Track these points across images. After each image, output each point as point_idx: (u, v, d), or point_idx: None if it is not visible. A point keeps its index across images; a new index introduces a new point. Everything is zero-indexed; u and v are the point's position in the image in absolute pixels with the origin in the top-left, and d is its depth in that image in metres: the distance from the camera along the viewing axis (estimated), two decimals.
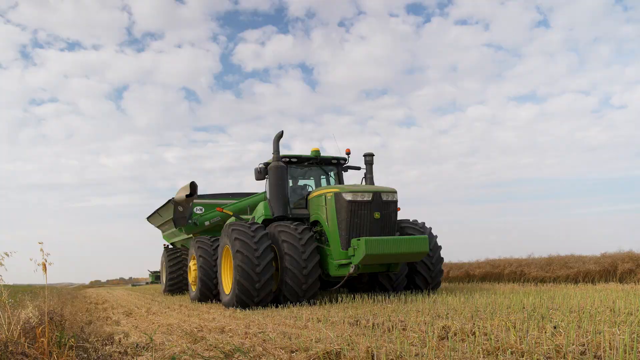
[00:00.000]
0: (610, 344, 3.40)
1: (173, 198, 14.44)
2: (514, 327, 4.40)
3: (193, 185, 13.77)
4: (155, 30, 68.05)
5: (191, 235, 14.83)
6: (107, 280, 68.51)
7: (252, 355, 3.84)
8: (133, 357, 4.41)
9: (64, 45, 68.29)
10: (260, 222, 10.00)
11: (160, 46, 69.38)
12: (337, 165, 11.30)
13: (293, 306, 8.36)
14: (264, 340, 4.58)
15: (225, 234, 9.56)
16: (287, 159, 10.58)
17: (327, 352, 3.65)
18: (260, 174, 10.47)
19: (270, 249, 8.84)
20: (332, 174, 11.29)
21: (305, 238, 8.90)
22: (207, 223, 14.62)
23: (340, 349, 3.70)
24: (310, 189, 11.16)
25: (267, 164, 10.46)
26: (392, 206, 9.22)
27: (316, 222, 9.88)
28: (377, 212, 8.97)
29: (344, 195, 8.93)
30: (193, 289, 12.40)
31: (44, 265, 4.54)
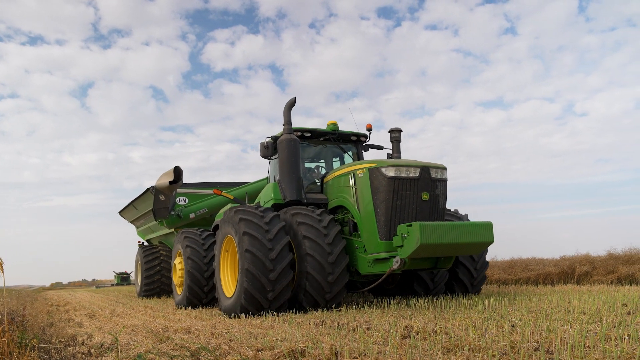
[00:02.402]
0: (561, 340, 3.58)
1: (153, 186, 12.37)
2: (474, 326, 4.56)
3: (177, 171, 11.52)
4: (122, 26, 67.00)
5: (172, 230, 13.18)
6: (69, 282, 66.87)
7: (218, 354, 3.88)
8: (97, 358, 4.38)
9: (25, 39, 66.46)
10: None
11: (127, 43, 68.34)
12: (357, 142, 9.67)
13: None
14: (230, 340, 4.62)
15: (226, 220, 7.82)
16: (300, 133, 8.91)
17: (292, 350, 3.71)
18: (267, 149, 8.70)
19: (285, 232, 7.28)
20: (350, 153, 9.67)
21: (326, 220, 7.43)
22: (192, 215, 12.85)
23: (305, 347, 3.77)
24: (323, 171, 9.54)
25: (275, 138, 8.88)
26: (442, 186, 7.57)
27: (336, 210, 8.33)
28: (425, 192, 7.30)
29: (383, 170, 7.25)
30: (178, 291, 10.60)
31: (0, 265, 4.45)
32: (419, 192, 7.29)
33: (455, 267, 8.51)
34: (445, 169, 7.66)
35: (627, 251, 12.75)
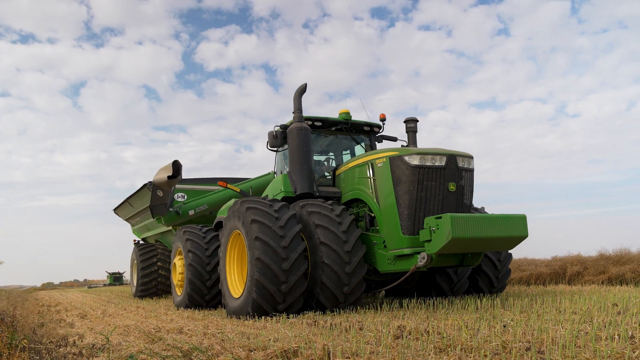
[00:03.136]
0: (553, 340, 3.60)
1: (150, 181, 11.86)
2: (466, 326, 4.57)
3: (176, 165, 10.90)
4: (115, 25, 66.69)
5: (170, 227, 12.75)
6: (61, 283, 66.47)
7: (210, 354, 3.87)
8: (89, 358, 4.36)
9: (16, 37, 65.99)
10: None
11: (120, 42, 68.03)
12: (370, 133, 9.21)
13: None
14: (222, 340, 4.61)
15: (232, 214, 7.35)
16: (310, 122, 8.42)
17: (285, 351, 3.71)
18: (277, 139, 8.20)
19: (296, 221, 6.91)
20: (362, 145, 9.15)
21: (338, 209, 7.08)
22: (191, 212, 12.32)
23: (298, 347, 3.77)
24: (333, 164, 9.07)
25: (285, 127, 8.41)
26: (469, 176, 7.06)
27: (350, 204, 7.87)
28: (452, 182, 6.79)
29: (407, 159, 6.76)
30: (178, 292, 10.08)
31: None
32: (445, 182, 6.78)
33: (481, 266, 8.13)
34: (472, 157, 7.16)
35: (617, 252, 12.87)
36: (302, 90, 8.02)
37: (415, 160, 6.72)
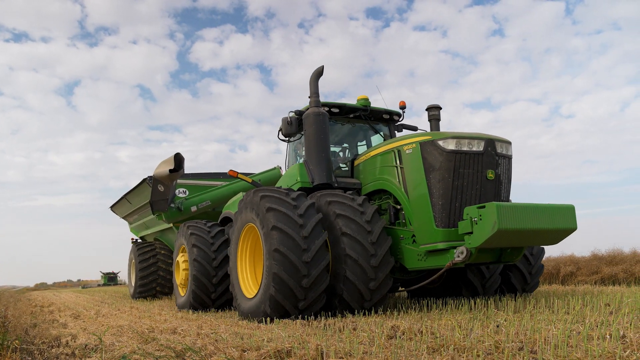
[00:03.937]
0: (545, 339, 3.62)
1: (150, 176, 11.25)
2: (459, 326, 4.59)
3: (178, 158, 10.18)
4: (109, 24, 66.45)
5: (170, 225, 12.16)
6: (54, 283, 66.31)
7: (203, 354, 3.87)
8: (81, 359, 4.34)
9: (9, 35, 65.66)
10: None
11: (114, 41, 67.72)
12: (390, 121, 8.70)
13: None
14: (216, 340, 4.60)
15: (244, 206, 6.81)
16: (327, 109, 7.86)
17: (278, 351, 3.71)
18: (291, 126, 7.65)
19: (315, 210, 6.34)
20: (381, 134, 8.63)
21: (360, 199, 6.53)
22: (193, 208, 11.75)
23: (291, 347, 3.78)
24: (349, 155, 8.55)
25: (300, 113, 7.85)
26: (508, 163, 6.48)
27: (371, 196, 7.34)
28: (490, 170, 6.19)
29: (441, 143, 6.18)
30: (182, 293, 9.56)
31: None
32: (484, 169, 6.17)
33: (508, 269, 7.66)
34: (510, 143, 6.59)
35: (610, 252, 12.98)
36: (319, 73, 7.53)
37: (451, 145, 6.15)
